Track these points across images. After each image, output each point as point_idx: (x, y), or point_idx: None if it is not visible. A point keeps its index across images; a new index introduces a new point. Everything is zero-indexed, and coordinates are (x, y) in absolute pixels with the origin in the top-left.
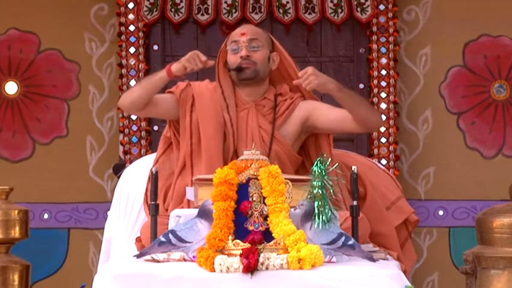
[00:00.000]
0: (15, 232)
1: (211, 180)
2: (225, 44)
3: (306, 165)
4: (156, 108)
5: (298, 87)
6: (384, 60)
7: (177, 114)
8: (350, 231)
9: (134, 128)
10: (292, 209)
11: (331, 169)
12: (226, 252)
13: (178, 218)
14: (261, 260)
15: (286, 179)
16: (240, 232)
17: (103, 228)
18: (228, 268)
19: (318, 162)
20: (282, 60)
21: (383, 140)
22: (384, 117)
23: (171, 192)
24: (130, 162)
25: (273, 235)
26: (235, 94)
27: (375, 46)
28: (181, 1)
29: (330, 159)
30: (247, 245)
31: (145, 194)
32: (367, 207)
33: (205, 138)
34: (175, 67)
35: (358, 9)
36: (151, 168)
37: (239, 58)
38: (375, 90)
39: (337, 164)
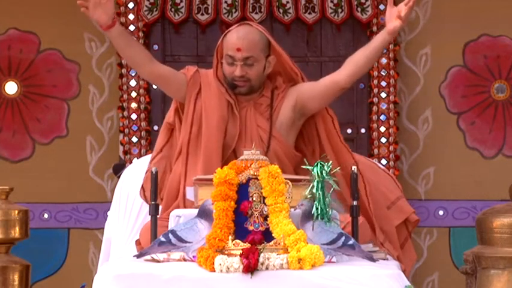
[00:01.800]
0: (15, 232)
1: (211, 180)
2: (221, 41)
3: (306, 155)
4: (168, 79)
5: (292, 78)
6: (384, 60)
7: (184, 95)
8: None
9: (134, 128)
10: (292, 209)
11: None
12: (226, 252)
13: (178, 218)
14: (261, 260)
15: (286, 179)
16: (240, 232)
17: (103, 228)
18: (228, 268)
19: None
20: (279, 57)
21: (383, 140)
22: (384, 117)
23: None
24: (130, 162)
25: (273, 235)
26: (234, 93)
27: None
28: (181, 1)
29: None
30: (247, 245)
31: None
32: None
33: (207, 130)
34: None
35: (359, 9)
36: (151, 167)
37: (233, 73)
38: (375, 90)
39: (331, 163)
